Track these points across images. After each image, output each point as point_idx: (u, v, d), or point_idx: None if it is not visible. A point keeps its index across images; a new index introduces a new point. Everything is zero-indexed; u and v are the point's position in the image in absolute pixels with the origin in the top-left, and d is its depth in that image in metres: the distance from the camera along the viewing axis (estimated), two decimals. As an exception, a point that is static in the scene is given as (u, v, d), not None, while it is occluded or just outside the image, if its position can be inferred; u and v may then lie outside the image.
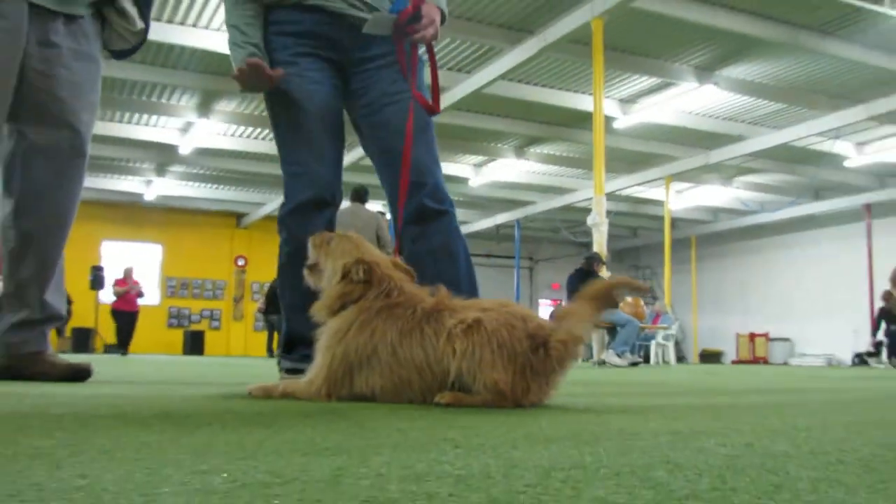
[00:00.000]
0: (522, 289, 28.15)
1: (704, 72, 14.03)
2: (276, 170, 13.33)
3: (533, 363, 1.95)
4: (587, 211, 23.10)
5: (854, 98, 15.06)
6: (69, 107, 3.02)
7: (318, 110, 2.77)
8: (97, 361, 6.68)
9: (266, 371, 5.69)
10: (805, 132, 16.22)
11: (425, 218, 2.71)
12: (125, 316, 16.63)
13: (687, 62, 13.75)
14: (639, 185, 20.79)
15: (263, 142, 17.86)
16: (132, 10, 3.15)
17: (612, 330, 11.51)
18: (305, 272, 2.32)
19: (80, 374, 3.02)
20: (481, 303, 2.09)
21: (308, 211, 2.78)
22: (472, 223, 25.95)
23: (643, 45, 13.11)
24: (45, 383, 2.77)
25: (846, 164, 18.98)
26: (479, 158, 19.63)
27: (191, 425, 1.39)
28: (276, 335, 19.31)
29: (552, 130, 17.18)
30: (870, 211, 21.71)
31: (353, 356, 2.08)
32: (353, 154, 14.71)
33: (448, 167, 19.88)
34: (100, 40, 3.17)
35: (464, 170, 20.39)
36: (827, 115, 15.54)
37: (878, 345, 16.86)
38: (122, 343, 16.50)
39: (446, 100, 13.91)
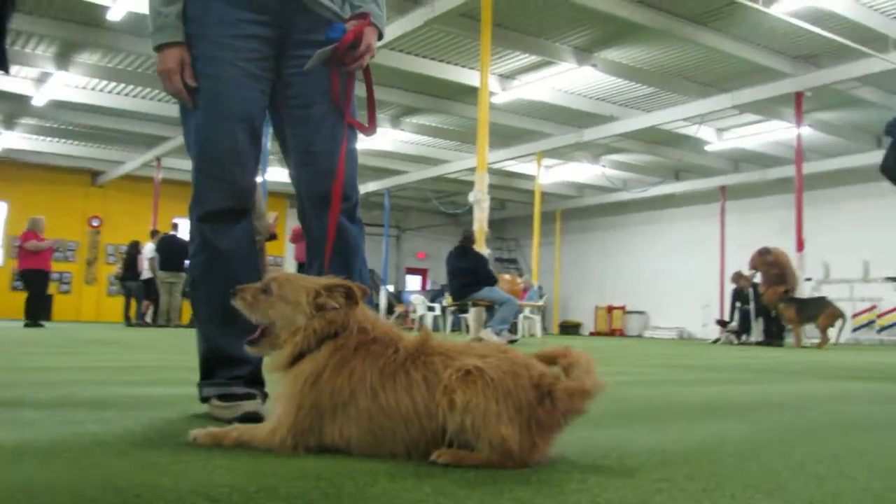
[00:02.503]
0: (389, 257, 27.99)
1: (584, 53, 14.22)
2: (138, 127, 12.77)
3: (539, 416, 1.77)
4: (459, 182, 23.36)
5: (720, 87, 15.71)
6: None
7: (247, 112, 2.51)
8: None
9: (140, 342, 5.26)
10: (673, 116, 16.84)
11: (342, 236, 2.54)
12: (41, 276, 13.68)
13: (568, 42, 13.89)
14: (511, 159, 20.99)
15: (126, 98, 16.80)
16: None
17: (489, 308, 11.54)
18: (257, 345, 1.95)
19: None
20: (475, 347, 1.88)
21: (225, 219, 2.52)
22: (342, 190, 25.40)
23: (526, 23, 13.12)
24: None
25: (707, 148, 19.84)
26: (353, 126, 19.21)
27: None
28: (133, 302, 18.34)
29: (430, 101, 17.05)
30: (724, 193, 22.88)
31: (327, 402, 1.82)
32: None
33: (322, 133, 19.37)
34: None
35: (337, 137, 19.92)
36: (694, 101, 16.16)
37: (722, 322, 16.97)
38: (36, 312, 13.58)
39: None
